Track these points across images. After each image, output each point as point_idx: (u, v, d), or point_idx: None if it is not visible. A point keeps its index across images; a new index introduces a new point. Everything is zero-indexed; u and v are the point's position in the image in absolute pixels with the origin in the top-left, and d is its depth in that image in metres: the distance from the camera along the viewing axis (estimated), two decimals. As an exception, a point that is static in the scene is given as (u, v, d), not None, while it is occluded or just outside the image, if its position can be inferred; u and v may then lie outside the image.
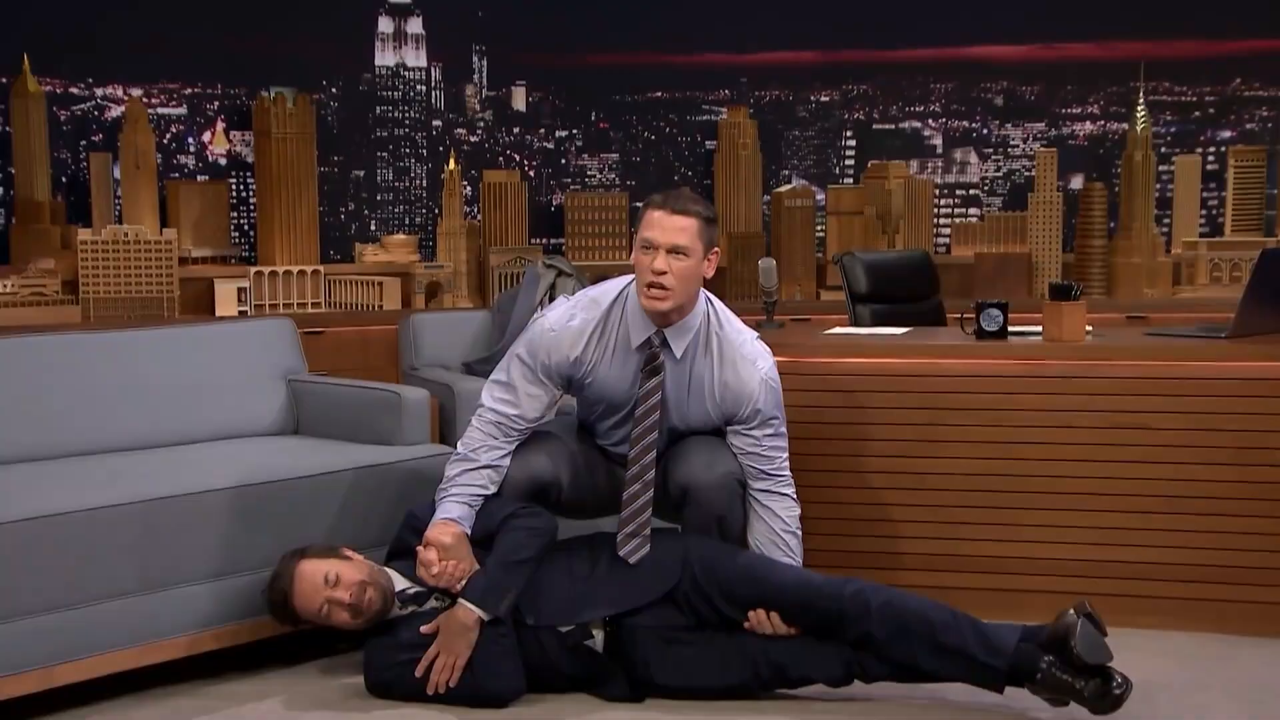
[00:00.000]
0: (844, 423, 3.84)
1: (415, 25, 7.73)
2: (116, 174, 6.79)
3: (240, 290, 6.96)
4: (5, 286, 6.20)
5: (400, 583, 3.17)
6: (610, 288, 3.28)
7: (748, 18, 7.61)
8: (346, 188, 7.61)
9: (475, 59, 8.01)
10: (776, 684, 3.11)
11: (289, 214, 7.19)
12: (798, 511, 3.31)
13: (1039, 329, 3.89)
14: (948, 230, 8.14)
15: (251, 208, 7.28)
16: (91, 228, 6.72)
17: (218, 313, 6.89)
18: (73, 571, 3.00)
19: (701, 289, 3.23)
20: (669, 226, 3.10)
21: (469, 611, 3.05)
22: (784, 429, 3.31)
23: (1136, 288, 7.69)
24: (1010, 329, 3.89)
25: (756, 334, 3.33)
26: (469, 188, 7.85)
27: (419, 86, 7.82)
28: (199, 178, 7.11)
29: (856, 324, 5.11)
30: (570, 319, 3.22)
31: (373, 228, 7.70)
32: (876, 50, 8.12)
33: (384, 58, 7.76)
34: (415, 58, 7.86)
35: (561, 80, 8.15)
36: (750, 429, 3.25)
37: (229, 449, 3.72)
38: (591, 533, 3.32)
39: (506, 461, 3.23)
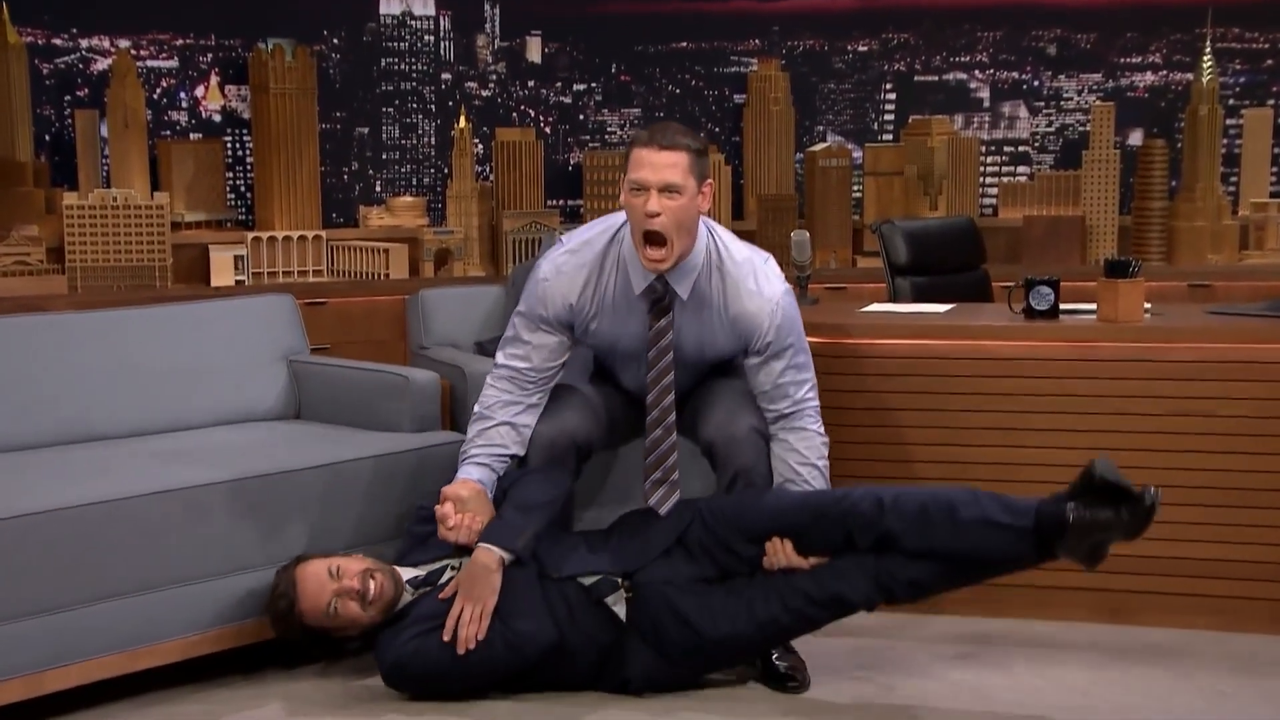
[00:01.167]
0: (883, 408, 3.83)
1: (423, -30, 7.70)
2: (104, 132, 6.78)
3: (237, 258, 6.96)
4: (-13, 255, 6.22)
5: (410, 574, 3.19)
6: (603, 227, 3.31)
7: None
8: (350, 146, 7.60)
9: (487, 7, 7.98)
10: (808, 613, 3.12)
11: (288, 175, 7.19)
12: (820, 442, 3.32)
13: (1093, 307, 3.87)
14: (995, 191, 8.07)
15: (248, 168, 7.28)
16: (78, 191, 6.72)
17: (213, 282, 6.90)
18: (61, 572, 3.02)
19: (701, 217, 3.23)
20: (659, 164, 3.11)
21: (488, 552, 3.10)
22: (803, 358, 3.33)
23: (1200, 253, 7.61)
24: (1062, 307, 3.87)
25: (766, 256, 3.34)
26: (480, 146, 7.83)
27: (427, 37, 7.80)
28: (192, 136, 7.11)
29: (896, 298, 5.09)
30: (562, 266, 3.27)
31: (378, 189, 7.70)
32: (919, -5, 8.05)
33: (389, 6, 7.73)
34: (423, 6, 7.83)
35: (580, 30, 8.10)
36: (765, 361, 3.28)
37: (226, 436, 3.74)
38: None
39: (526, 417, 3.30)
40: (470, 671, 3.08)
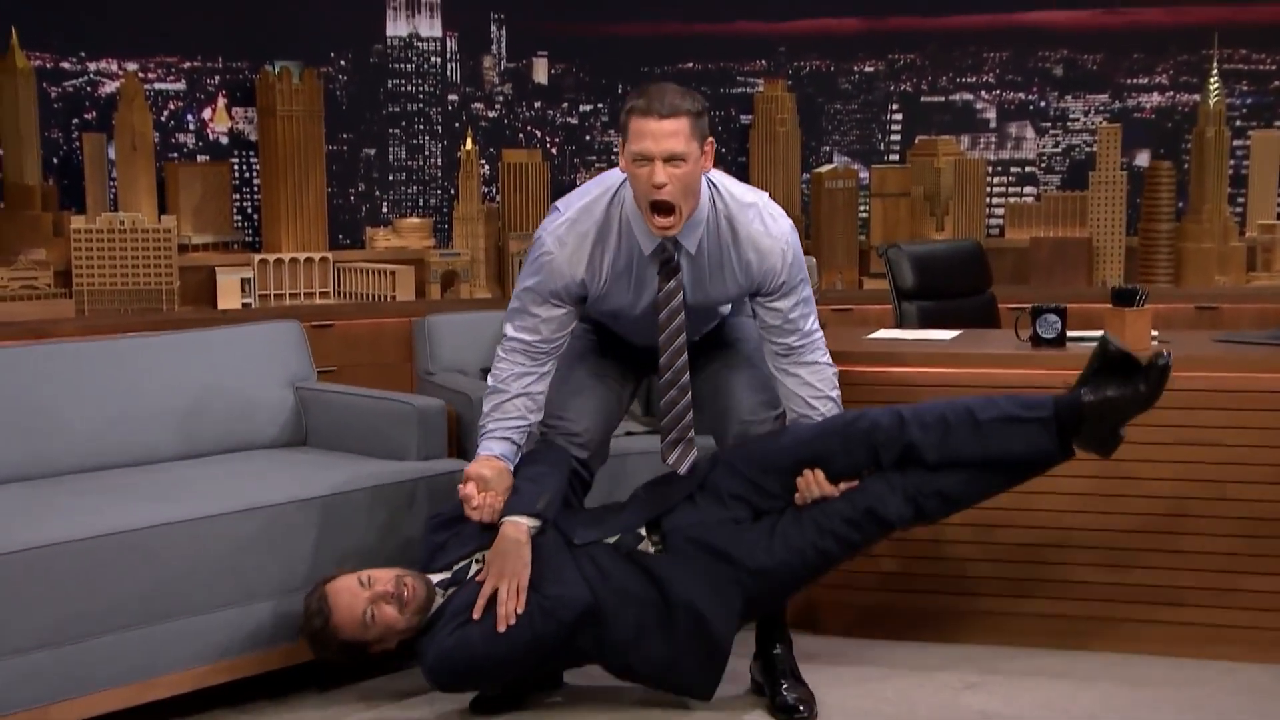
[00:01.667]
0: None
1: (429, -9, 7.72)
2: (111, 154, 6.80)
3: (244, 281, 6.97)
4: (-5, 279, 6.25)
5: (438, 577, 3.21)
6: (599, 190, 3.24)
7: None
8: (356, 167, 7.62)
9: (494, 28, 8.00)
10: (846, 535, 3.13)
11: (295, 196, 7.21)
12: (831, 373, 3.34)
13: (1100, 334, 3.86)
14: (1001, 211, 8.08)
15: (255, 190, 7.30)
16: (85, 215, 6.73)
17: (220, 304, 6.91)
18: (69, 604, 3.02)
19: (700, 183, 3.20)
20: (660, 134, 3.05)
21: (515, 525, 3.11)
22: (808, 290, 3.34)
23: (1207, 275, 7.61)
24: (1069, 335, 3.87)
25: (765, 195, 3.32)
26: (487, 167, 7.84)
27: (433, 58, 7.82)
28: (199, 158, 7.13)
29: (903, 323, 5.09)
30: (564, 237, 3.21)
31: (384, 210, 7.71)
32: (925, 17, 8.07)
33: (396, 27, 7.76)
34: (430, 27, 7.86)
35: (586, 51, 8.12)
36: (776, 300, 3.27)
37: (234, 465, 3.75)
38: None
39: (539, 385, 3.29)
40: (514, 650, 3.07)
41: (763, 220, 3.23)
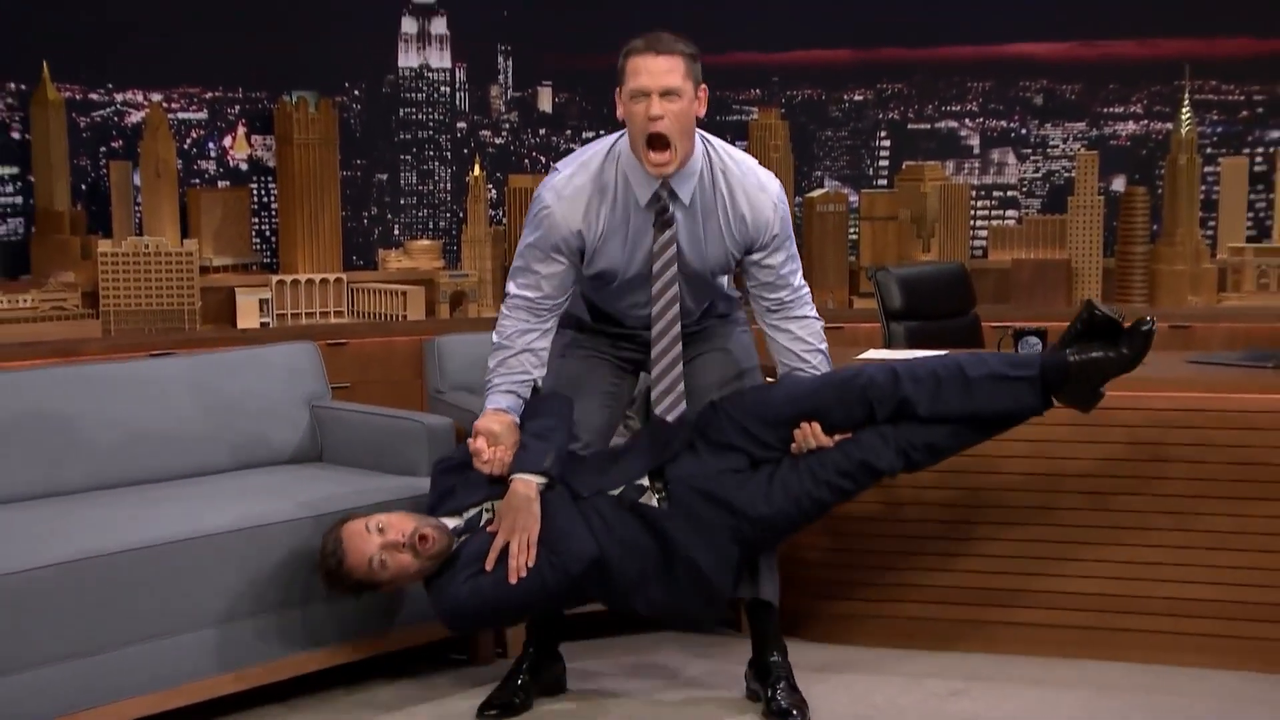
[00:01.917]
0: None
1: (439, 25, 7.75)
2: (137, 181, 6.82)
3: (262, 301, 6.99)
4: (26, 301, 6.26)
5: (451, 523, 3.20)
6: (597, 148, 3.24)
7: (780, 15, 7.58)
8: (369, 192, 7.63)
9: (500, 59, 8.02)
10: (839, 484, 3.14)
11: (311, 220, 7.23)
12: (819, 326, 3.35)
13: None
14: (984, 234, 8.10)
15: (273, 213, 7.31)
16: (112, 238, 6.76)
17: (239, 323, 6.93)
18: (95, 616, 3.01)
19: (695, 129, 3.20)
20: (656, 70, 3.06)
21: (525, 482, 3.10)
22: (794, 247, 3.36)
23: (1180, 295, 7.64)
24: (1049, 356, 3.87)
25: (755, 160, 3.33)
26: (494, 191, 7.86)
27: (443, 88, 7.84)
28: (220, 183, 7.15)
29: (891, 343, 5.09)
30: (563, 190, 3.19)
31: (396, 233, 7.72)
32: (912, 49, 8.09)
33: (408, 59, 7.78)
34: (439, 59, 7.89)
35: (588, 80, 8.14)
36: (769, 257, 3.26)
37: (253, 480, 3.74)
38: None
39: (543, 341, 3.27)
40: (523, 598, 3.08)
41: (756, 174, 3.23)
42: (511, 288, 3.30)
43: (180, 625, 3.15)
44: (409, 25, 7.54)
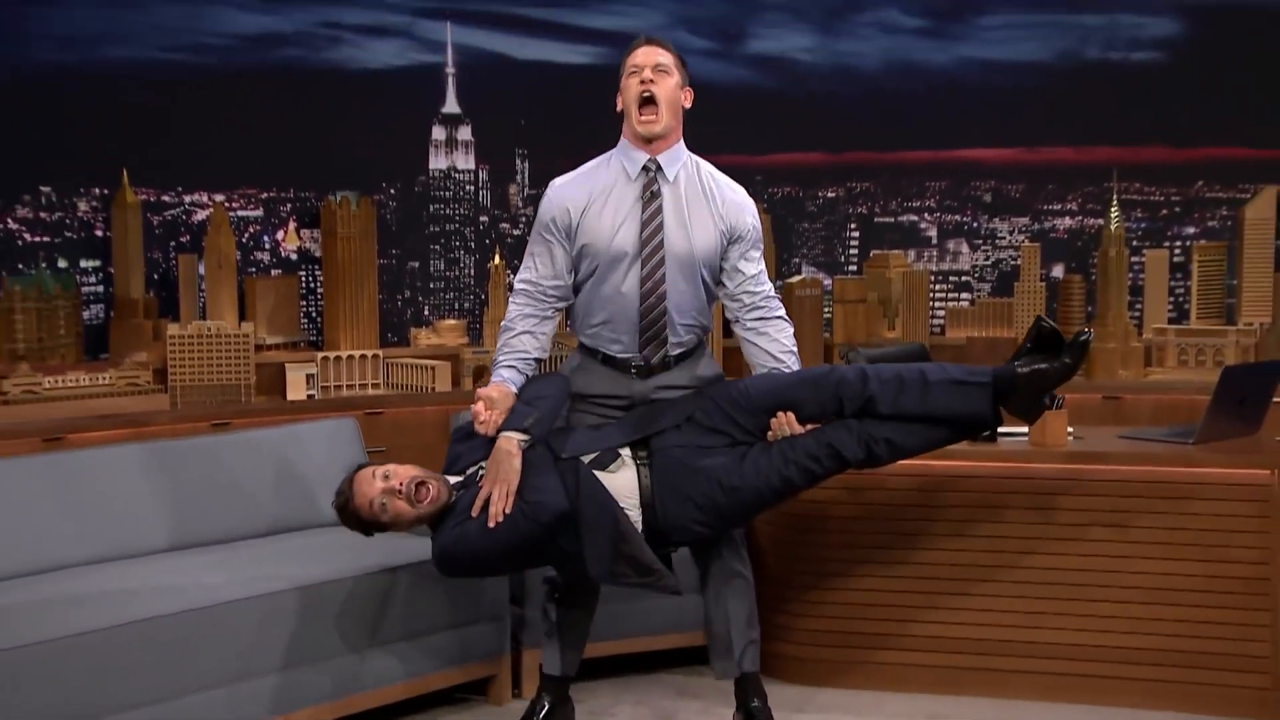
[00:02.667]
0: (846, 517, 3.85)
1: (465, 133, 7.86)
2: (201, 271, 6.89)
3: (309, 376, 7.04)
4: (105, 379, 6.36)
5: (454, 480, 3.21)
6: (599, 156, 3.34)
7: (763, 122, 7.72)
8: (403, 277, 7.68)
9: (518, 162, 8.11)
10: (809, 467, 3.13)
11: (352, 303, 7.27)
12: (791, 330, 3.37)
13: (1025, 431, 3.89)
14: (942, 314, 8.14)
15: (319, 297, 7.37)
16: (179, 322, 6.83)
17: (289, 395, 6.97)
18: (164, 669, 3.03)
19: (681, 118, 3.26)
20: (651, 53, 3.24)
21: (507, 439, 3.10)
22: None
23: (1112, 370, 7.66)
24: (1000, 431, 3.90)
25: None
26: (511, 276, 7.91)
27: (468, 187, 7.92)
28: (273, 272, 7.21)
29: (860, 416, 5.10)
30: (569, 178, 3.30)
31: (426, 313, 7.78)
32: (878, 152, 8.19)
33: (437, 161, 7.87)
34: (465, 161, 7.96)
35: (595, 181, 8.24)
36: (749, 249, 3.29)
37: (298, 542, 3.76)
38: None
39: (544, 326, 3.29)
40: (502, 544, 3.05)
41: (731, 183, 3.33)
42: (517, 280, 3.36)
43: (232, 676, 3.16)
44: (438, 133, 7.65)
